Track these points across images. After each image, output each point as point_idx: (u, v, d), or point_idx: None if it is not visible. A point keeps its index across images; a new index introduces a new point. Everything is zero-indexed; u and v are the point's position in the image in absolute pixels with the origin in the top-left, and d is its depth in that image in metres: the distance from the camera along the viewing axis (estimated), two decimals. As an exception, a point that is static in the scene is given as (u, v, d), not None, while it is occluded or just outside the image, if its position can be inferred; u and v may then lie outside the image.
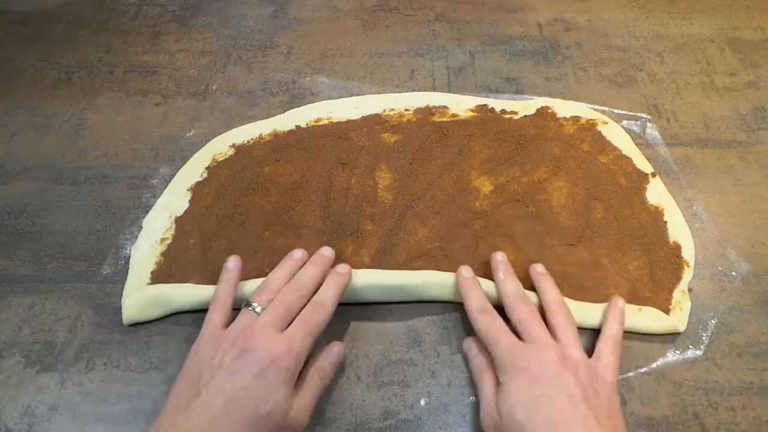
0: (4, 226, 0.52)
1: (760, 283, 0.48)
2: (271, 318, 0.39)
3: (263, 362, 0.36)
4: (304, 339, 0.38)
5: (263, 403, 0.35)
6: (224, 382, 0.35)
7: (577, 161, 0.55)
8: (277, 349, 0.37)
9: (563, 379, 0.36)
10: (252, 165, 0.56)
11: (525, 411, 0.35)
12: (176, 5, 0.75)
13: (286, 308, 0.40)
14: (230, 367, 0.36)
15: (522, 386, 0.36)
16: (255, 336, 0.37)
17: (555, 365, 0.37)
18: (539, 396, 0.35)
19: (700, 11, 0.73)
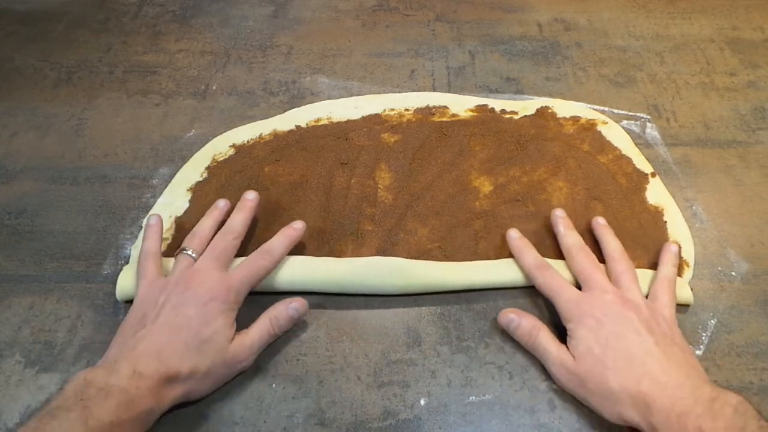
0: (4, 226, 0.52)
1: (760, 283, 0.48)
2: (209, 260, 0.42)
3: (204, 297, 0.40)
4: (244, 278, 0.42)
5: (203, 329, 0.38)
6: (168, 314, 0.39)
7: (576, 161, 0.55)
8: (217, 285, 0.40)
9: (627, 318, 0.39)
10: (252, 165, 0.56)
11: (599, 348, 0.38)
12: (176, 5, 0.75)
13: (223, 251, 0.43)
14: (174, 302, 0.39)
15: (591, 328, 0.39)
16: (197, 276, 0.41)
17: (617, 306, 0.40)
18: (609, 334, 0.39)
19: (699, 11, 0.73)
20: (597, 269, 0.44)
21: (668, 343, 0.38)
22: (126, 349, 0.37)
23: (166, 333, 0.38)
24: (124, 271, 0.47)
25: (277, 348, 0.44)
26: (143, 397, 0.35)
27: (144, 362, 0.36)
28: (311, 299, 0.47)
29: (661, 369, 0.37)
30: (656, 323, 0.40)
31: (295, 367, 0.43)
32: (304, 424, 0.41)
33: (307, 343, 0.45)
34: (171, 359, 0.37)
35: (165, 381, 0.36)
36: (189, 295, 0.40)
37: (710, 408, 0.34)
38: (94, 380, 0.34)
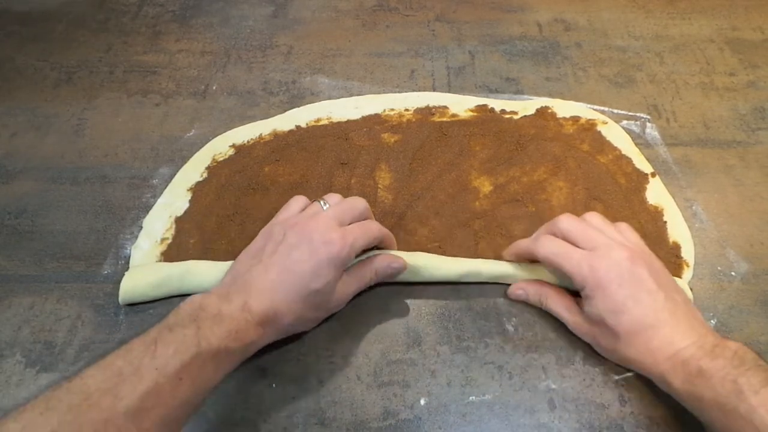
0: (4, 226, 0.52)
1: (760, 283, 0.48)
2: (334, 213, 0.43)
3: (318, 244, 0.40)
4: (359, 236, 0.42)
5: (313, 281, 0.39)
6: (283, 254, 0.40)
7: (576, 161, 0.55)
8: (333, 236, 0.40)
9: (639, 275, 0.40)
10: (252, 165, 0.56)
11: (613, 316, 0.39)
12: (176, 5, 0.75)
13: (350, 209, 0.44)
14: (290, 241, 0.40)
15: (606, 295, 0.40)
16: (317, 223, 0.41)
17: (627, 263, 0.40)
18: (624, 299, 0.39)
19: (699, 11, 0.73)
20: (587, 227, 0.43)
21: (673, 294, 0.40)
22: (240, 281, 0.39)
23: (278, 273, 0.39)
24: (127, 276, 0.46)
25: (277, 348, 0.44)
26: (249, 329, 0.37)
27: (255, 298, 0.38)
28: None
29: (670, 327, 0.38)
30: (655, 270, 0.41)
31: (295, 367, 0.43)
32: (304, 424, 0.41)
33: (307, 343, 0.45)
34: (279, 301, 0.39)
35: (271, 319, 0.38)
36: (305, 238, 0.40)
37: (712, 352, 0.36)
38: (208, 306, 0.37)
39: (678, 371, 0.36)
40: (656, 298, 0.39)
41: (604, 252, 0.41)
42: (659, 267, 0.42)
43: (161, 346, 0.33)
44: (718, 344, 0.36)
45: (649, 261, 0.41)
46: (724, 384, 0.34)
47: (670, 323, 0.38)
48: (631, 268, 0.40)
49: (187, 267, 0.46)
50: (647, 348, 0.38)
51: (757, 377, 0.33)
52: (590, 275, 0.40)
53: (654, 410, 0.41)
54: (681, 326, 0.38)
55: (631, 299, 0.39)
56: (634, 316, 0.39)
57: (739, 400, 0.33)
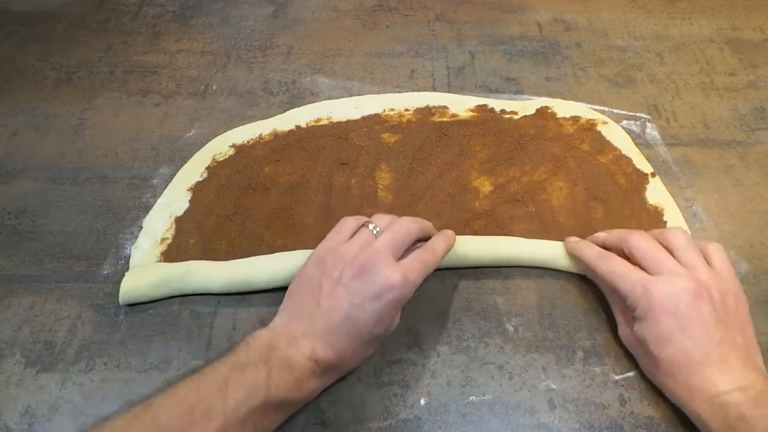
0: (4, 226, 0.52)
1: (760, 283, 0.48)
2: (388, 242, 0.40)
3: (380, 287, 0.38)
4: (418, 272, 0.40)
5: (375, 326, 0.38)
6: (343, 298, 0.38)
7: (576, 161, 0.55)
8: (395, 277, 0.38)
9: (698, 309, 0.37)
10: (252, 165, 0.56)
11: (657, 345, 0.38)
12: (176, 5, 0.75)
13: (404, 236, 0.41)
14: (349, 285, 0.38)
15: (658, 321, 0.38)
16: (374, 258, 0.39)
17: (689, 296, 0.38)
18: (674, 329, 0.37)
19: (699, 11, 0.73)
20: (659, 249, 0.41)
21: (734, 334, 0.37)
22: (304, 324, 0.38)
23: (341, 321, 0.38)
24: (127, 276, 0.46)
25: (277, 348, 0.44)
26: (313, 378, 0.37)
27: (321, 346, 0.37)
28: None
29: (717, 368, 0.36)
30: (725, 310, 0.38)
31: (295, 367, 0.43)
32: (304, 424, 0.41)
33: (307, 343, 0.45)
34: (344, 350, 0.38)
35: (335, 366, 0.38)
36: (366, 284, 0.38)
37: (755, 398, 0.34)
38: (277, 347, 0.36)
39: (717, 415, 0.34)
40: (711, 336, 0.37)
41: (666, 279, 0.39)
42: (732, 303, 0.39)
43: (233, 389, 0.33)
44: (765, 391, 0.34)
45: (721, 296, 0.38)
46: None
47: (718, 364, 0.36)
48: (692, 301, 0.37)
49: (188, 267, 0.46)
50: (686, 384, 0.37)
51: None
52: (644, 298, 0.39)
53: (654, 410, 0.41)
54: (730, 370, 0.36)
55: (681, 332, 0.37)
56: (680, 351, 0.37)
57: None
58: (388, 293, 0.38)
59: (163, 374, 0.43)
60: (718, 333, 0.37)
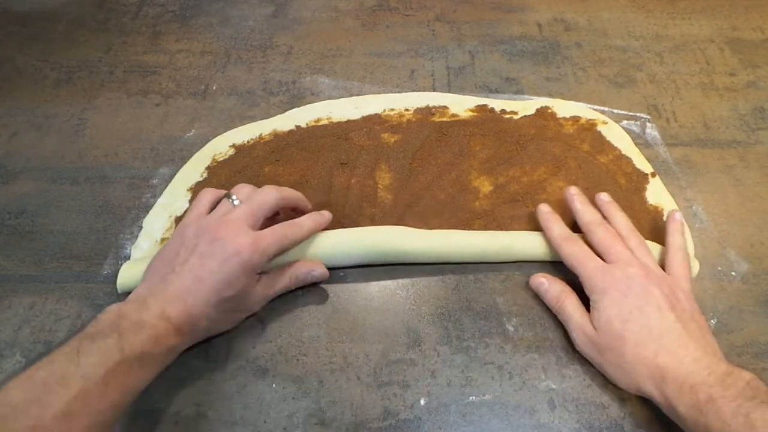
0: (4, 226, 0.52)
1: (760, 283, 0.48)
2: (245, 212, 0.43)
3: (229, 252, 0.40)
4: (271, 241, 0.42)
5: (225, 289, 0.40)
6: (194, 263, 0.40)
7: (576, 161, 0.55)
8: (244, 242, 0.40)
9: (650, 292, 0.40)
10: (252, 165, 0.56)
11: (619, 321, 0.39)
12: (176, 5, 0.75)
13: (260, 206, 0.43)
14: (201, 251, 0.40)
15: (614, 301, 0.40)
16: (227, 227, 0.41)
17: (641, 279, 0.41)
18: (631, 308, 0.39)
19: (699, 11, 0.73)
20: (619, 242, 0.44)
21: (688, 319, 0.39)
22: (156, 290, 0.40)
23: (191, 282, 0.40)
24: (126, 265, 0.47)
25: (277, 348, 0.44)
26: (169, 335, 0.38)
27: (172, 306, 0.39)
28: (312, 299, 0.47)
29: (678, 344, 0.38)
30: (676, 299, 0.41)
31: (295, 367, 0.43)
32: (304, 424, 0.41)
33: (307, 343, 0.45)
34: (194, 307, 0.39)
35: (187, 324, 0.39)
36: (216, 248, 0.40)
37: (723, 381, 0.35)
38: (127, 314, 0.37)
39: (685, 396, 0.35)
40: (664, 315, 0.39)
41: (622, 266, 0.42)
42: (682, 297, 0.41)
43: (84, 355, 0.34)
44: (730, 373, 0.35)
45: (672, 290, 0.41)
46: (736, 417, 0.32)
47: (679, 342, 0.38)
48: (644, 284, 0.40)
49: None
50: (653, 362, 0.37)
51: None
52: (601, 280, 0.41)
53: (654, 410, 0.41)
54: (691, 348, 0.37)
55: (638, 309, 0.39)
56: (641, 325, 0.39)
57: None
58: (236, 256, 0.40)
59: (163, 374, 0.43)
60: (673, 315, 0.39)
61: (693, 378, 0.35)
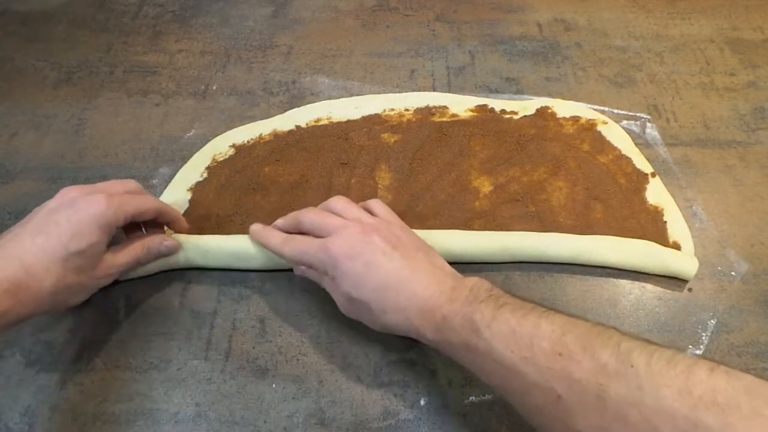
0: (4, 226, 0.52)
1: (760, 283, 0.48)
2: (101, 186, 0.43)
3: (79, 205, 0.39)
4: (126, 201, 0.41)
5: (72, 242, 0.38)
6: (40, 218, 0.39)
7: (576, 161, 0.55)
8: (96, 197, 0.40)
9: (371, 243, 0.40)
10: (252, 165, 0.56)
11: (356, 288, 0.39)
12: (176, 5, 0.75)
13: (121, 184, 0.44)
14: (50, 206, 0.40)
15: (345, 269, 0.39)
16: (81, 190, 0.41)
17: (359, 235, 0.40)
18: (361, 267, 0.39)
19: (699, 11, 0.73)
20: (326, 215, 0.44)
21: (411, 252, 0.40)
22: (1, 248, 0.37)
23: (32, 236, 0.37)
24: None
25: (277, 348, 0.44)
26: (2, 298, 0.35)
27: (4, 265, 0.36)
28: (312, 299, 0.47)
29: (412, 282, 0.38)
30: (396, 237, 0.41)
31: (295, 367, 0.44)
32: (304, 424, 0.41)
33: (307, 343, 0.45)
34: (32, 264, 0.36)
35: (23, 283, 0.36)
36: (65, 203, 0.39)
37: (450, 296, 0.36)
38: None
39: (428, 323, 0.37)
40: (392, 258, 0.39)
41: (338, 233, 0.41)
42: (399, 232, 0.42)
43: None
44: (456, 286, 0.37)
45: (387, 229, 0.42)
46: (464, 325, 0.34)
47: (411, 279, 0.38)
48: (362, 238, 0.40)
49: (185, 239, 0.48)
50: (396, 307, 0.38)
51: (488, 309, 0.34)
52: (327, 257, 0.40)
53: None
54: (423, 279, 0.38)
55: (367, 266, 0.39)
56: (375, 281, 0.39)
57: (478, 338, 0.34)
58: (87, 208, 0.39)
59: (163, 374, 0.43)
60: (397, 253, 0.39)
61: (429, 303, 0.37)
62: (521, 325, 0.33)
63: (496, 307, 0.34)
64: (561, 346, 0.31)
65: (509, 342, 0.32)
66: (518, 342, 0.32)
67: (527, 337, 0.32)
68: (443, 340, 0.36)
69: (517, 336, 0.32)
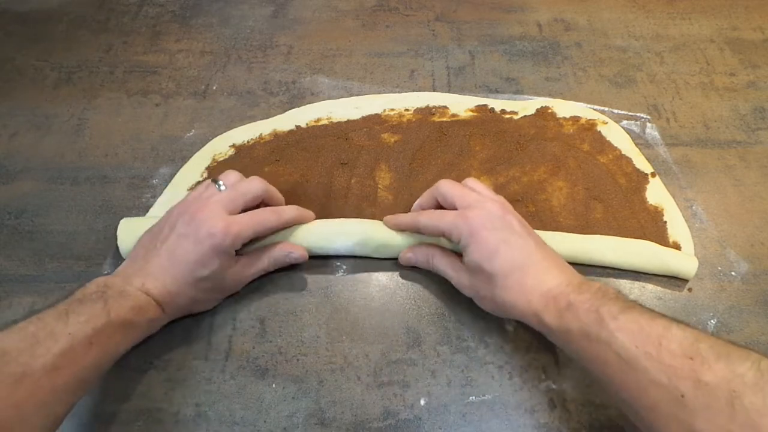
0: (4, 226, 0.52)
1: (760, 283, 0.48)
2: (225, 197, 0.44)
3: (203, 233, 0.41)
4: (245, 226, 0.43)
5: (198, 269, 0.41)
6: (173, 241, 0.42)
7: (576, 161, 0.55)
8: (217, 225, 0.41)
9: (509, 223, 0.42)
10: (252, 165, 0.56)
11: (488, 260, 0.41)
12: (176, 5, 0.75)
13: (242, 194, 0.44)
14: (180, 230, 0.42)
15: (480, 241, 0.41)
16: (206, 209, 0.42)
17: (498, 212, 0.42)
18: (496, 242, 0.41)
19: (699, 11, 0.73)
20: (466, 189, 0.45)
21: (541, 244, 0.42)
22: (138, 266, 0.42)
23: (167, 260, 0.41)
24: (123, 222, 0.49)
25: (277, 348, 0.44)
26: (149, 308, 0.40)
27: (150, 282, 0.41)
28: (312, 299, 0.47)
29: (542, 267, 0.40)
30: (526, 226, 0.43)
31: (295, 367, 0.44)
32: (304, 424, 0.41)
33: (307, 343, 0.45)
34: (171, 285, 0.41)
35: (166, 300, 0.41)
36: (192, 229, 0.42)
37: (578, 288, 0.38)
38: (113, 285, 0.39)
39: (550, 307, 0.38)
40: (527, 242, 0.41)
41: (478, 206, 0.43)
42: (526, 223, 0.44)
43: (73, 315, 0.36)
44: (584, 282, 0.39)
45: (518, 216, 0.44)
46: (588, 314, 0.35)
47: (541, 264, 0.40)
48: (503, 216, 0.42)
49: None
50: (521, 287, 0.39)
51: (616, 306, 0.35)
52: (464, 225, 0.42)
53: (654, 410, 0.41)
54: (552, 267, 0.40)
55: (503, 243, 0.41)
56: (507, 258, 0.40)
57: (601, 327, 0.34)
58: (209, 239, 0.41)
59: (163, 374, 0.43)
60: (531, 240, 0.41)
61: (554, 291, 0.38)
62: (650, 325, 0.33)
63: (625, 305, 0.35)
64: (693, 351, 0.31)
65: (635, 337, 0.33)
66: (645, 339, 0.32)
67: (655, 336, 0.32)
68: (561, 327, 0.37)
69: (645, 333, 0.33)
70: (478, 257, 0.41)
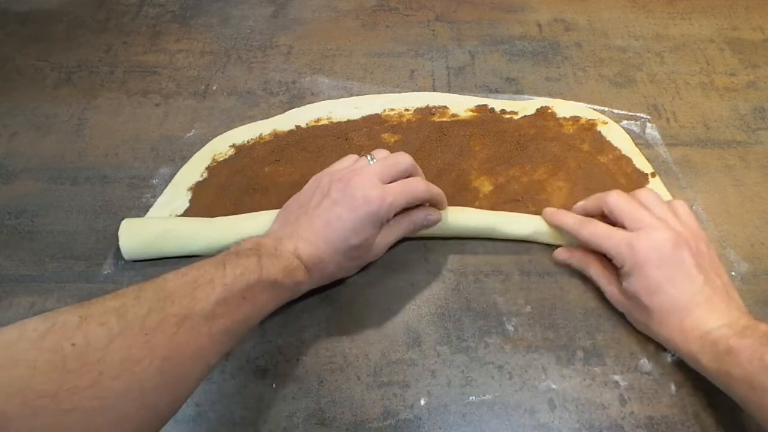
0: (4, 226, 0.52)
1: (760, 283, 0.48)
2: (379, 168, 0.44)
3: (359, 200, 0.41)
4: (399, 195, 0.43)
5: (352, 237, 0.41)
6: (326, 207, 0.42)
7: (576, 161, 0.55)
8: (373, 193, 0.41)
9: (680, 257, 0.40)
10: (252, 165, 0.56)
11: (648, 296, 0.40)
12: (176, 5, 0.75)
13: (393, 165, 0.44)
14: (333, 196, 0.42)
15: (643, 274, 0.40)
16: (360, 177, 0.42)
17: (670, 245, 0.40)
18: (662, 279, 0.40)
19: (699, 11, 0.73)
20: (636, 204, 0.44)
21: (714, 277, 0.40)
22: (290, 229, 0.42)
23: (322, 226, 0.41)
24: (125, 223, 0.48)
25: (277, 348, 0.44)
26: (299, 271, 0.40)
27: (302, 246, 0.41)
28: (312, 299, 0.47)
29: (705, 309, 0.39)
30: (701, 255, 0.41)
31: (295, 367, 0.44)
32: (304, 424, 0.41)
33: (307, 343, 0.45)
34: (323, 251, 0.41)
35: (316, 265, 0.41)
36: (347, 196, 0.42)
37: (742, 332, 0.36)
38: (266, 244, 0.40)
39: (707, 350, 0.37)
40: (694, 282, 0.40)
41: (647, 232, 0.41)
42: (705, 250, 0.42)
43: (230, 266, 0.36)
44: (749, 326, 0.37)
45: (696, 244, 0.42)
46: (752, 362, 0.34)
47: (704, 306, 0.39)
48: (673, 251, 0.40)
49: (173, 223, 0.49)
50: (679, 327, 0.39)
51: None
52: (629, 254, 0.41)
53: (654, 410, 0.41)
54: (716, 309, 0.39)
55: (668, 281, 0.40)
56: (669, 298, 0.39)
57: (767, 376, 0.33)
58: (365, 206, 0.41)
59: (163, 374, 0.43)
60: (701, 277, 0.40)
61: (714, 334, 0.37)
62: None
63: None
64: None
65: None
66: None
67: None
68: (721, 371, 0.36)
69: None
70: (638, 290, 0.40)
